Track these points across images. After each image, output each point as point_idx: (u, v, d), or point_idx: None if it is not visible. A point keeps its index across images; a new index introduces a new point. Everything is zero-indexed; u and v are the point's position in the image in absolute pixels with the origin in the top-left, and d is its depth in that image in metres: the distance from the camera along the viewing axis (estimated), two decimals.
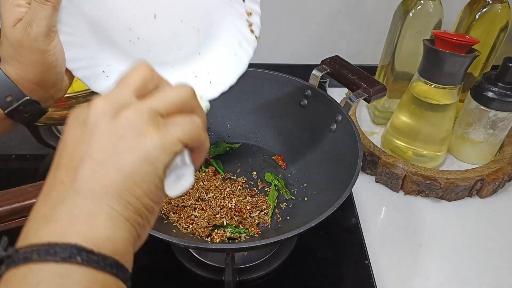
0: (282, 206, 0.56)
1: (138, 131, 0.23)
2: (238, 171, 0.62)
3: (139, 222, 0.24)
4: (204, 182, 0.57)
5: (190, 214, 0.53)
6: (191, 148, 0.26)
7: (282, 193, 0.58)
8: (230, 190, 0.57)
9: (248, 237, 0.52)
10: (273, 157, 0.64)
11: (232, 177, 0.61)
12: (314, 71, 0.60)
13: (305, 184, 0.59)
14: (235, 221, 0.53)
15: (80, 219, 0.22)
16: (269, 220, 0.54)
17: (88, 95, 0.59)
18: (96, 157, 0.23)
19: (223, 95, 0.64)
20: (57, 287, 0.20)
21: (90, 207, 0.22)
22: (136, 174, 0.23)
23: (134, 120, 0.24)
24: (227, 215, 0.53)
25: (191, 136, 0.25)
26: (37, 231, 0.22)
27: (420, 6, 0.60)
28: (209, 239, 0.51)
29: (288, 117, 0.64)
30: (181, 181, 0.25)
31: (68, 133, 0.25)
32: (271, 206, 0.55)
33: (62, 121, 0.61)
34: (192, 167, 0.26)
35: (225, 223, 0.52)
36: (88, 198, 0.22)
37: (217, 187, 0.57)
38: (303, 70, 0.67)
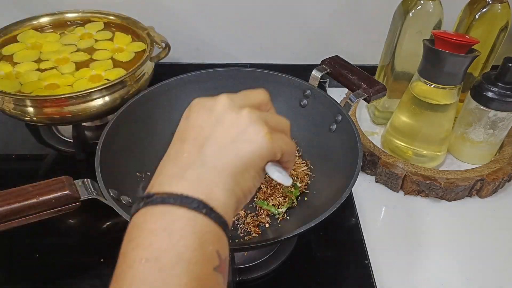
0: None
1: (257, 129, 0.30)
2: None
3: (240, 198, 0.30)
4: None
5: None
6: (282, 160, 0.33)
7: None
8: None
9: (256, 235, 0.52)
10: None
11: None
12: (314, 71, 0.60)
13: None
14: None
15: (205, 184, 0.28)
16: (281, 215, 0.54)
17: (88, 96, 0.59)
18: (220, 140, 0.30)
19: None
20: (189, 227, 0.26)
21: (212, 177, 0.28)
22: (249, 162, 0.30)
23: (255, 120, 0.30)
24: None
25: (289, 153, 0.33)
26: (170, 184, 0.28)
27: (420, 6, 0.60)
28: None
29: (288, 117, 0.64)
30: (284, 176, 0.33)
31: (194, 116, 0.32)
32: (288, 202, 0.55)
33: (62, 121, 0.61)
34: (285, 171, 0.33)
35: None
36: (212, 170, 0.29)
37: None
38: (303, 70, 0.67)
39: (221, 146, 0.29)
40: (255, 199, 0.56)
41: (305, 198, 0.56)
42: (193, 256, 0.25)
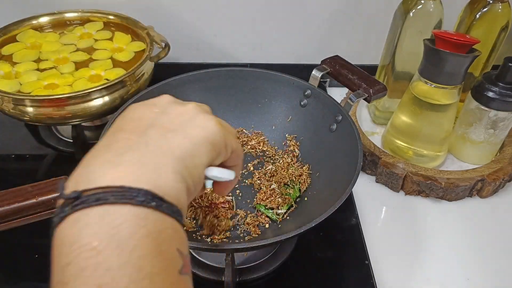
0: None
1: (207, 117, 0.28)
2: None
3: (190, 187, 0.25)
4: None
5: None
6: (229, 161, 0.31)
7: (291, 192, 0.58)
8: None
9: (256, 235, 0.52)
10: None
11: None
12: (314, 71, 0.60)
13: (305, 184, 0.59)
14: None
15: (149, 168, 0.23)
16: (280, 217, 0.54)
17: (87, 95, 0.59)
18: (166, 125, 0.26)
19: (223, 95, 0.65)
20: (140, 228, 0.21)
21: (157, 159, 0.24)
22: (199, 146, 0.26)
23: (204, 112, 0.28)
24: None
25: (238, 153, 0.31)
26: (103, 174, 0.22)
27: (420, 6, 0.60)
28: (209, 239, 0.50)
29: (288, 117, 0.64)
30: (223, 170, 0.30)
31: (131, 112, 0.27)
32: (287, 203, 0.55)
33: (62, 121, 0.61)
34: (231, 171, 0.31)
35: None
36: (156, 152, 0.24)
37: None
38: (303, 70, 0.67)
39: (168, 130, 0.26)
40: (254, 199, 0.56)
41: (305, 198, 0.56)
42: (154, 266, 0.20)
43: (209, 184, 0.31)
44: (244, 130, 0.66)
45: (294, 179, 0.58)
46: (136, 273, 0.20)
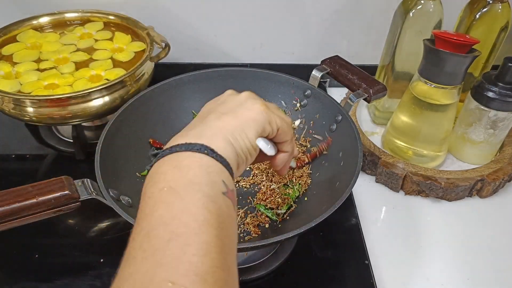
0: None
1: (254, 101, 0.36)
2: None
3: (240, 154, 0.34)
4: None
5: None
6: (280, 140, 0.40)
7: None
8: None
9: (256, 235, 0.52)
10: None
11: None
12: (314, 71, 0.60)
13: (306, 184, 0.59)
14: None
15: (206, 137, 0.32)
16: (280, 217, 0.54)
17: (88, 95, 0.59)
18: (222, 110, 0.35)
19: None
20: (195, 162, 0.30)
21: (212, 132, 0.33)
22: (246, 123, 0.34)
23: (253, 97, 0.37)
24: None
25: (284, 129, 0.38)
26: (176, 141, 0.32)
27: (420, 6, 0.60)
28: None
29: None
30: (267, 144, 0.37)
31: (205, 107, 0.38)
32: (286, 204, 0.55)
33: (62, 121, 0.61)
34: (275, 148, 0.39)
35: None
36: (212, 128, 0.33)
37: None
38: (303, 70, 0.67)
39: (222, 113, 0.35)
40: (254, 199, 0.56)
41: (305, 198, 0.56)
42: (203, 180, 0.29)
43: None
44: None
45: (294, 180, 0.58)
46: (189, 183, 0.29)
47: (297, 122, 0.63)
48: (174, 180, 0.29)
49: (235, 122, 0.34)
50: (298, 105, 0.63)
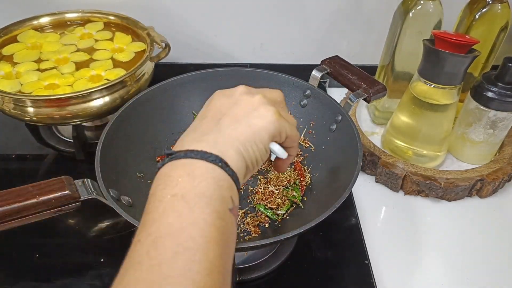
0: None
1: (267, 108, 0.35)
2: None
3: (249, 165, 0.34)
4: None
5: None
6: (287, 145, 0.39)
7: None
8: None
9: (256, 235, 0.52)
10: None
11: None
12: (314, 71, 0.60)
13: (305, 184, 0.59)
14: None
15: (219, 145, 0.32)
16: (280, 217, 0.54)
17: (88, 95, 0.59)
18: (235, 115, 0.35)
19: None
20: (208, 173, 0.31)
21: (226, 141, 0.33)
22: (258, 134, 0.34)
23: (267, 102, 0.36)
24: None
25: (292, 138, 0.38)
26: (190, 145, 0.33)
27: (420, 6, 0.60)
28: None
29: None
30: (280, 148, 0.38)
31: (214, 101, 0.37)
32: (287, 205, 0.55)
33: (62, 121, 0.61)
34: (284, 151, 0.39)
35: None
36: (226, 136, 0.33)
37: None
38: (303, 70, 0.67)
39: (235, 119, 0.34)
40: (253, 199, 0.56)
41: (305, 198, 0.56)
42: (213, 194, 0.30)
43: (273, 157, 0.41)
44: None
45: (297, 183, 0.58)
46: (200, 195, 0.29)
47: None
48: (187, 189, 0.29)
49: (248, 132, 0.34)
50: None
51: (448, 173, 0.62)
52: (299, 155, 0.62)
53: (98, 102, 0.60)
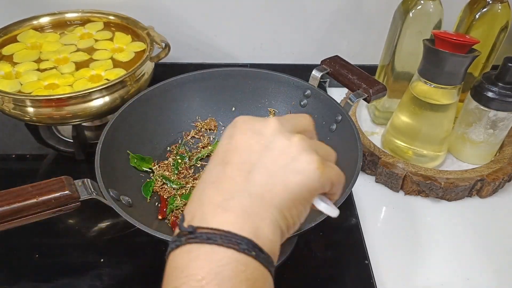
0: None
1: (309, 159, 0.27)
2: None
3: (284, 234, 0.28)
4: None
5: None
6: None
7: None
8: None
9: None
10: None
11: None
12: (314, 71, 0.60)
13: None
14: None
15: (251, 218, 0.25)
16: None
17: (88, 95, 0.59)
18: (270, 167, 0.27)
19: (223, 95, 0.65)
20: (240, 273, 0.24)
21: (258, 209, 0.26)
22: (297, 195, 0.27)
23: (308, 149, 0.28)
24: None
25: (338, 185, 0.30)
26: (214, 216, 0.25)
27: (420, 6, 0.60)
28: None
29: None
30: (331, 207, 0.31)
31: (240, 137, 0.29)
32: None
33: (62, 121, 0.61)
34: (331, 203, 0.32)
35: None
36: (258, 201, 0.26)
37: None
38: (303, 70, 0.67)
39: (270, 175, 0.27)
40: None
41: None
42: None
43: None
44: None
45: None
46: None
47: None
48: None
49: (285, 195, 0.27)
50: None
51: (448, 173, 0.62)
52: None
53: (98, 102, 0.60)
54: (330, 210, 0.31)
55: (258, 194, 0.26)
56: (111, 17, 0.75)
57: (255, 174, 0.27)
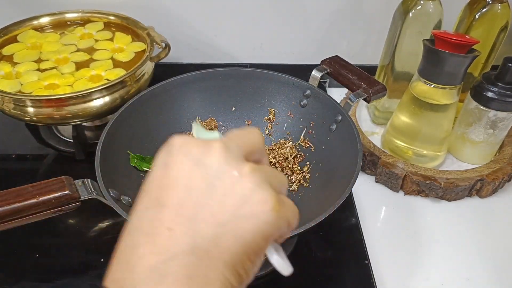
0: None
1: (263, 197, 0.22)
2: None
3: None
4: None
5: None
6: None
7: None
8: None
9: None
10: None
11: None
12: (314, 71, 0.60)
13: (305, 184, 0.59)
14: None
15: (197, 284, 0.20)
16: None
17: (88, 95, 0.59)
18: (216, 213, 0.22)
19: (223, 95, 0.65)
20: None
21: (206, 271, 0.21)
22: (251, 245, 0.22)
23: (261, 183, 0.22)
24: None
25: (294, 224, 0.25)
26: (148, 286, 0.20)
27: (420, 6, 0.60)
28: None
29: (288, 117, 0.64)
30: (284, 262, 0.27)
31: (177, 167, 0.23)
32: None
33: (62, 121, 0.61)
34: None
35: None
36: (204, 260, 0.21)
37: None
38: (303, 70, 0.67)
39: (217, 223, 0.22)
40: None
41: (305, 198, 0.56)
42: None
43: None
44: None
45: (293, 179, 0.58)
46: None
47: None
48: None
49: (237, 246, 0.22)
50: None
51: (448, 173, 0.62)
52: (298, 156, 0.62)
53: (98, 102, 0.60)
54: (283, 265, 0.26)
55: (204, 250, 0.21)
56: (111, 17, 0.75)
57: (199, 223, 0.21)
